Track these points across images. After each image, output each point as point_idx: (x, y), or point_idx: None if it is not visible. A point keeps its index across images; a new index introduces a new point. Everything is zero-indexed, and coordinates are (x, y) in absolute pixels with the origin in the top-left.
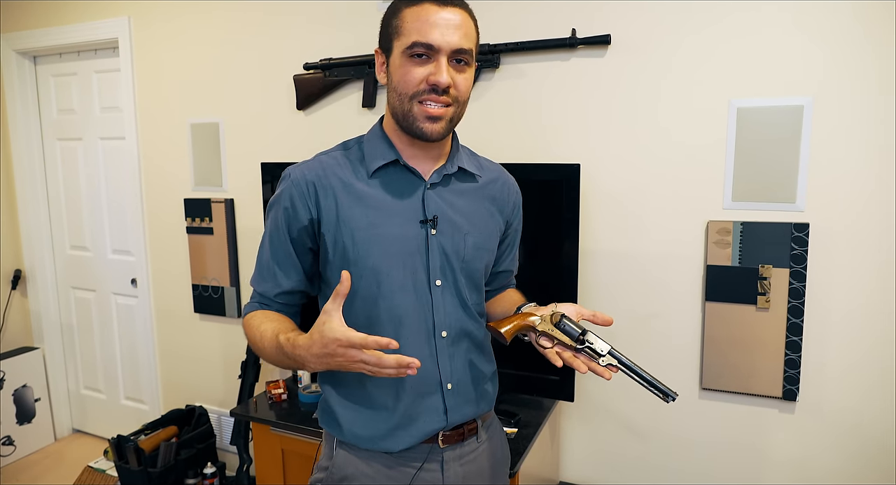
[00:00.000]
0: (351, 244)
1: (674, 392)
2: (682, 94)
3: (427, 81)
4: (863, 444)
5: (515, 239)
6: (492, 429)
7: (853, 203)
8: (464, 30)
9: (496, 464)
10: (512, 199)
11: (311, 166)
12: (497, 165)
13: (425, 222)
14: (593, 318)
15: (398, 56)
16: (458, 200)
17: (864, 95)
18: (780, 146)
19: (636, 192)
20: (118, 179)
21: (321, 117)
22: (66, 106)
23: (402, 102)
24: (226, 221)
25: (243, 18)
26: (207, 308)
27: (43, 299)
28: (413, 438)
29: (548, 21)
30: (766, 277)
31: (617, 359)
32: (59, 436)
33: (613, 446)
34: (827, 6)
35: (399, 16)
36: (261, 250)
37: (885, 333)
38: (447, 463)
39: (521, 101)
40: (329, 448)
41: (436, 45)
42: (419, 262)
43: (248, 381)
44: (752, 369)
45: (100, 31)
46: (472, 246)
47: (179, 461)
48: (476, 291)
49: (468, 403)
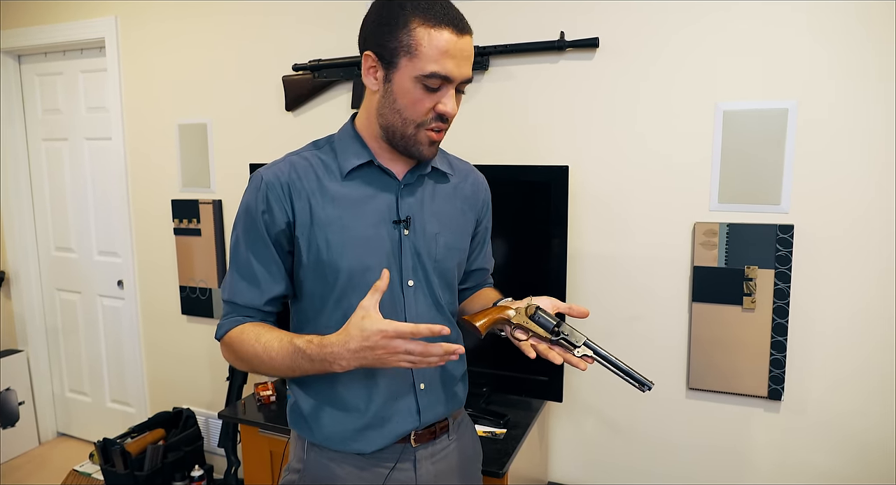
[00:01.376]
0: (325, 246)
1: (650, 381)
2: (669, 97)
3: (435, 110)
4: (846, 441)
5: (486, 236)
6: (462, 426)
7: (837, 205)
8: (472, 58)
9: (468, 460)
10: (482, 196)
11: (283, 168)
12: (467, 163)
13: (398, 223)
14: (569, 310)
15: (408, 79)
16: (430, 199)
17: (848, 99)
18: (766, 149)
19: (624, 193)
20: (104, 179)
21: (310, 118)
22: (51, 106)
23: (404, 126)
24: (214, 222)
25: (232, 18)
26: (195, 310)
27: (27, 301)
28: (386, 439)
29: (537, 23)
30: (751, 278)
31: (592, 349)
32: (43, 440)
33: (602, 447)
34: (812, 11)
35: (411, 33)
36: (236, 259)
37: (867, 332)
38: (419, 462)
39: (509, 103)
40: (300, 450)
41: (452, 77)
42: (392, 262)
43: (236, 383)
44: (738, 369)
45: (86, 30)
46: (444, 246)
47: (166, 464)
48: (449, 290)
49: (440, 402)
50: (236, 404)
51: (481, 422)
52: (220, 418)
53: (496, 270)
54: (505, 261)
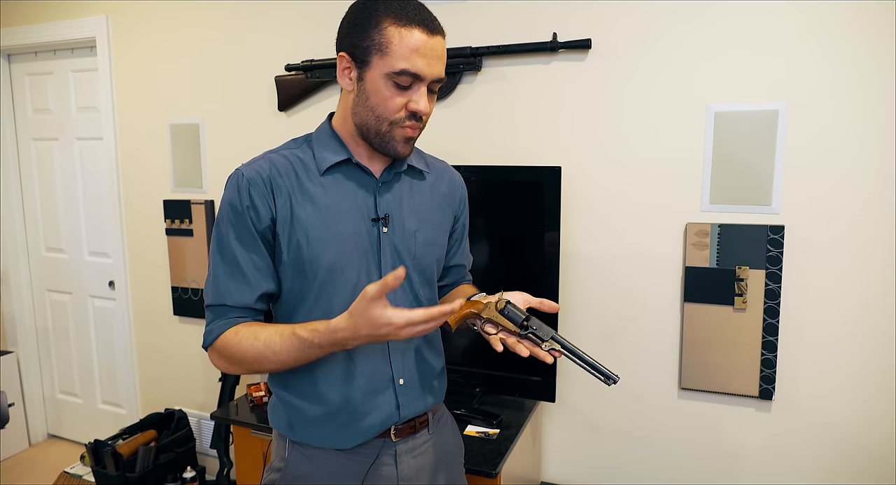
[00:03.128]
0: (305, 243)
1: (615, 375)
2: (661, 99)
3: (407, 108)
4: (837, 440)
5: (464, 233)
6: (442, 421)
7: (828, 206)
8: (444, 58)
9: (449, 455)
10: (458, 194)
11: (263, 165)
12: (443, 161)
13: (377, 221)
14: (540, 305)
15: (379, 77)
16: (408, 196)
17: (838, 101)
18: (757, 150)
19: (616, 194)
20: (95, 179)
21: (302, 119)
22: (41, 105)
23: (378, 123)
24: (206, 222)
25: (225, 18)
26: (187, 310)
27: (17, 302)
28: (366, 434)
29: (529, 25)
30: (743, 279)
31: (559, 343)
32: (33, 441)
33: (595, 447)
34: (804, 13)
35: (382, 31)
36: (223, 257)
37: (858, 332)
38: (400, 456)
39: (502, 104)
40: (281, 449)
41: (422, 75)
42: (371, 259)
43: (228, 384)
44: (730, 369)
45: (77, 29)
46: (423, 242)
47: (158, 466)
48: (428, 286)
49: (419, 397)
50: (229, 404)
51: (474, 422)
52: (212, 419)
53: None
54: (497, 261)
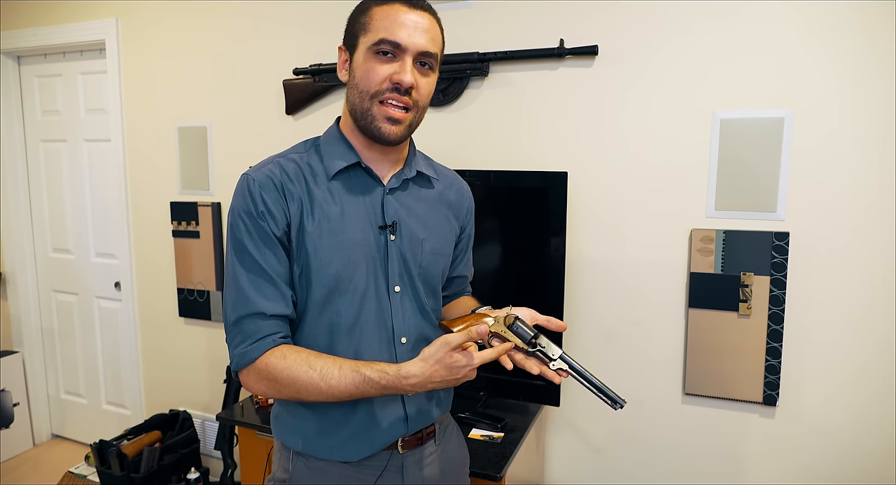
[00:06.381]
0: (313, 251)
1: (622, 400)
2: (666, 105)
3: (391, 80)
4: (840, 446)
5: (469, 244)
6: (448, 431)
7: (833, 213)
8: (431, 34)
9: (456, 464)
10: (466, 204)
11: (273, 170)
12: (451, 170)
13: (384, 228)
14: (547, 323)
15: (363, 53)
16: (416, 204)
17: (843, 108)
18: (762, 157)
19: (621, 200)
20: (103, 181)
21: (310, 122)
22: (50, 107)
23: (362, 100)
24: (212, 224)
25: (233, 22)
26: (193, 312)
27: (23, 303)
28: (373, 447)
29: (536, 31)
30: (747, 285)
31: (568, 363)
32: (37, 441)
33: (598, 451)
34: (809, 20)
35: (367, 13)
36: (245, 268)
37: (862, 339)
38: (407, 468)
39: (509, 109)
40: (285, 460)
41: (403, 45)
42: (379, 267)
43: (233, 385)
44: (734, 375)
45: (86, 32)
46: (430, 252)
47: (163, 466)
48: (433, 296)
49: (427, 408)
50: (233, 406)
51: (479, 426)
52: (217, 420)
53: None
54: (503, 266)
